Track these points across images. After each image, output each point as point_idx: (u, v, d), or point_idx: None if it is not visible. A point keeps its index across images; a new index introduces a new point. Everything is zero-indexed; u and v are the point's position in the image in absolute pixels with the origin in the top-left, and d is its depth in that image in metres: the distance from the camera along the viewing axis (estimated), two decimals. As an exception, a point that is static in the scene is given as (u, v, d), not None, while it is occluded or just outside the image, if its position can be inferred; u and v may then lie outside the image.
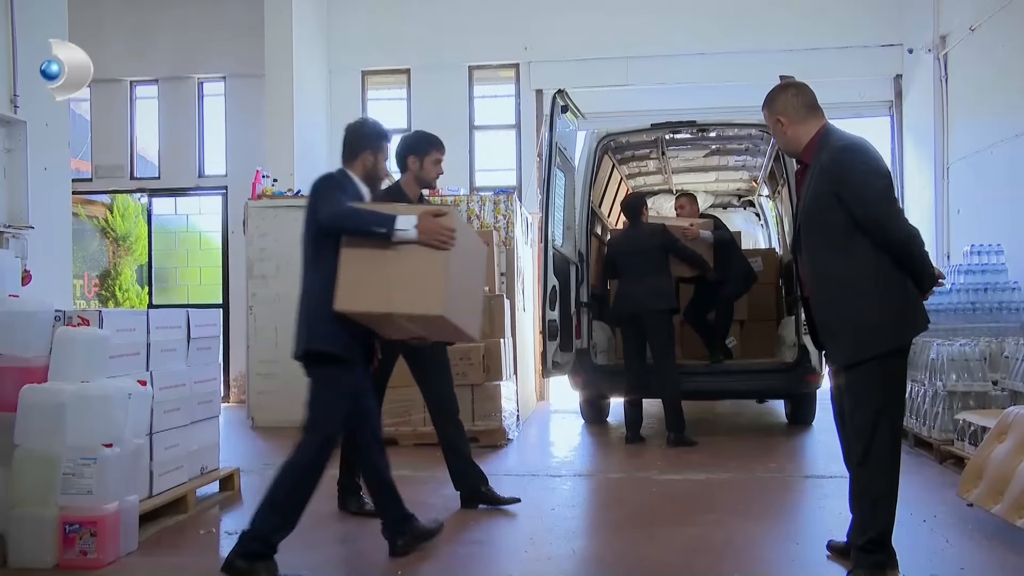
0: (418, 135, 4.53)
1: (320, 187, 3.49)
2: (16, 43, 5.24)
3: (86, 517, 3.54)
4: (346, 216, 3.34)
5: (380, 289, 3.32)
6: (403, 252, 3.31)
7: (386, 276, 3.31)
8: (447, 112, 9.95)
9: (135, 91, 10.41)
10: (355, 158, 3.62)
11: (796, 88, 3.39)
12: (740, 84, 9.66)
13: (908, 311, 3.09)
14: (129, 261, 12.37)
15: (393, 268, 3.31)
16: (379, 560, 3.69)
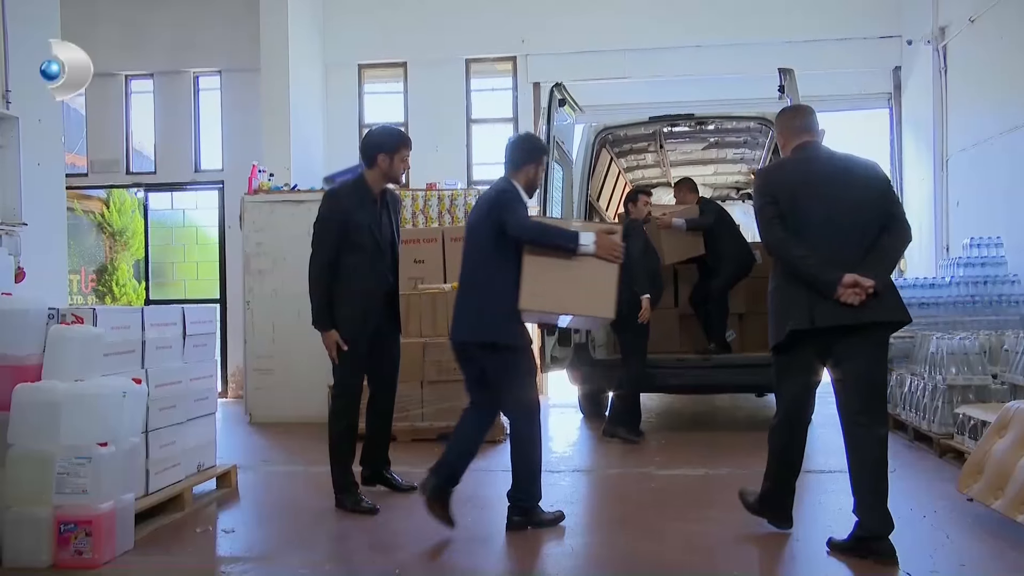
0: (388, 131, 4.57)
1: (503, 200, 3.92)
2: (7, 38, 5.19)
3: (81, 517, 3.52)
4: (536, 230, 3.91)
5: (559, 293, 3.90)
6: (579, 262, 3.88)
7: (565, 282, 3.88)
8: (444, 106, 9.91)
9: (130, 85, 10.34)
10: (519, 169, 4.05)
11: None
12: (739, 76, 9.66)
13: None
14: (126, 256, 12.29)
15: (571, 275, 3.88)
16: (377, 558, 3.68)
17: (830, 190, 3.54)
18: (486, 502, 4.61)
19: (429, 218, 7.82)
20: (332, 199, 4.47)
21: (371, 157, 4.42)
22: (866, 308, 3.42)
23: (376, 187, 4.45)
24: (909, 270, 9.36)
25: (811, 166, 3.63)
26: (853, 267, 3.43)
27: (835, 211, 3.51)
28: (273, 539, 4.05)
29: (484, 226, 3.93)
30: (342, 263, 4.33)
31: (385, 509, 4.44)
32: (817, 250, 3.48)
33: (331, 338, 4.35)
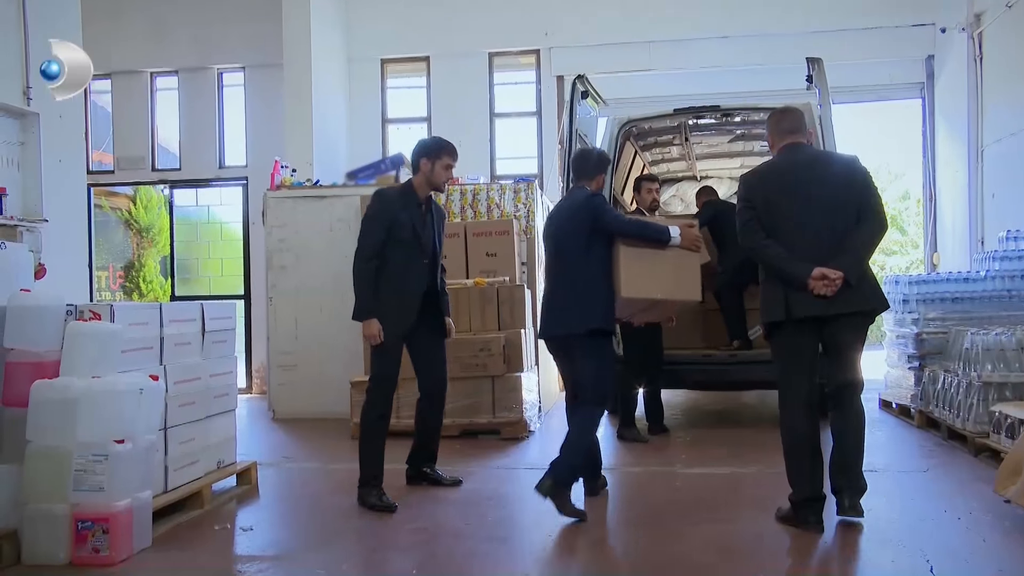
0: (435, 140, 4.75)
1: (597, 204, 4.37)
2: (28, 36, 5.20)
3: (98, 514, 3.50)
4: (637, 226, 4.47)
5: (653, 280, 4.37)
6: (668, 253, 4.35)
7: (657, 271, 4.36)
8: (467, 100, 9.85)
9: (155, 82, 10.39)
10: (592, 179, 4.52)
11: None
12: (765, 67, 9.50)
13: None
14: (153, 253, 12.41)
15: (662, 265, 4.36)
16: (395, 557, 3.62)
17: (805, 190, 3.81)
18: (506, 500, 4.56)
19: (451, 213, 7.75)
20: (380, 198, 4.66)
21: (416, 162, 4.65)
22: (838, 299, 3.70)
23: (421, 191, 4.63)
24: (942, 264, 9.16)
25: (788, 169, 3.92)
26: (829, 259, 3.69)
27: (810, 210, 3.79)
28: (291, 538, 4.01)
29: (575, 229, 4.34)
30: (386, 259, 4.51)
31: (405, 507, 4.39)
32: (793, 248, 3.77)
33: (373, 327, 4.44)
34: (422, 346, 4.74)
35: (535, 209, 7.74)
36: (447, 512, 4.31)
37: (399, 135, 10.11)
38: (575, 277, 4.29)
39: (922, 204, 10.28)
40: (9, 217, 4.81)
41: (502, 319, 6.79)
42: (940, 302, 6.58)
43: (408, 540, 3.84)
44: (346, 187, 7.95)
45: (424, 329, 4.67)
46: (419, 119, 10.07)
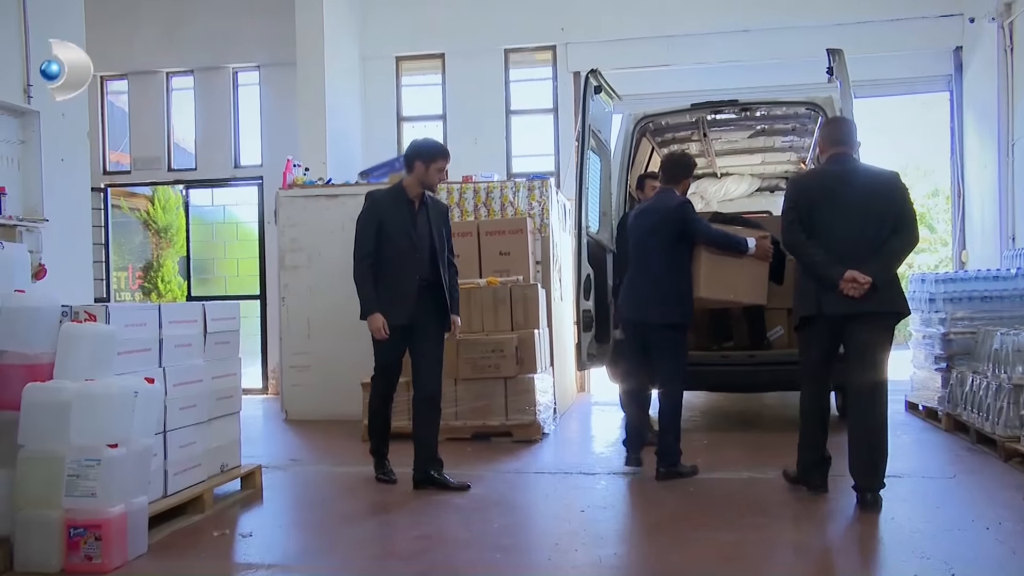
0: (427, 143, 4.87)
1: (687, 209, 4.95)
2: (29, 32, 5.13)
3: (90, 520, 3.41)
4: (720, 236, 5.10)
5: (728, 283, 5.07)
6: (742, 260, 5.09)
7: (733, 275, 5.07)
8: (483, 97, 9.73)
9: (171, 82, 10.37)
10: (679, 183, 5.07)
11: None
12: (787, 61, 9.29)
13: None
14: (171, 253, 12.41)
15: (737, 270, 5.09)
16: (396, 566, 3.50)
17: (847, 199, 4.15)
18: (514, 507, 4.43)
19: (464, 211, 7.64)
20: (369, 200, 4.84)
21: (410, 163, 4.78)
22: (865, 300, 4.03)
23: (412, 191, 4.78)
24: (971, 261, 8.90)
25: (834, 177, 4.26)
26: (862, 264, 4.04)
27: (849, 218, 4.13)
28: (291, 544, 3.91)
29: (664, 230, 4.89)
30: (380, 258, 4.72)
31: (409, 513, 4.29)
32: (831, 250, 4.12)
33: (376, 321, 4.67)
34: (420, 351, 4.86)
35: (549, 207, 7.59)
36: (452, 519, 4.19)
37: (414, 133, 9.98)
38: (659, 273, 4.86)
39: (951, 200, 10.00)
40: (8, 217, 4.76)
41: (515, 319, 6.66)
42: (968, 301, 6.37)
43: (410, 548, 3.72)
44: (358, 185, 7.84)
45: (423, 335, 4.81)
46: (434, 117, 9.96)
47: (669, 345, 4.87)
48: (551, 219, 7.64)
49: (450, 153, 4.86)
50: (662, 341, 4.87)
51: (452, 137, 9.75)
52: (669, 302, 4.83)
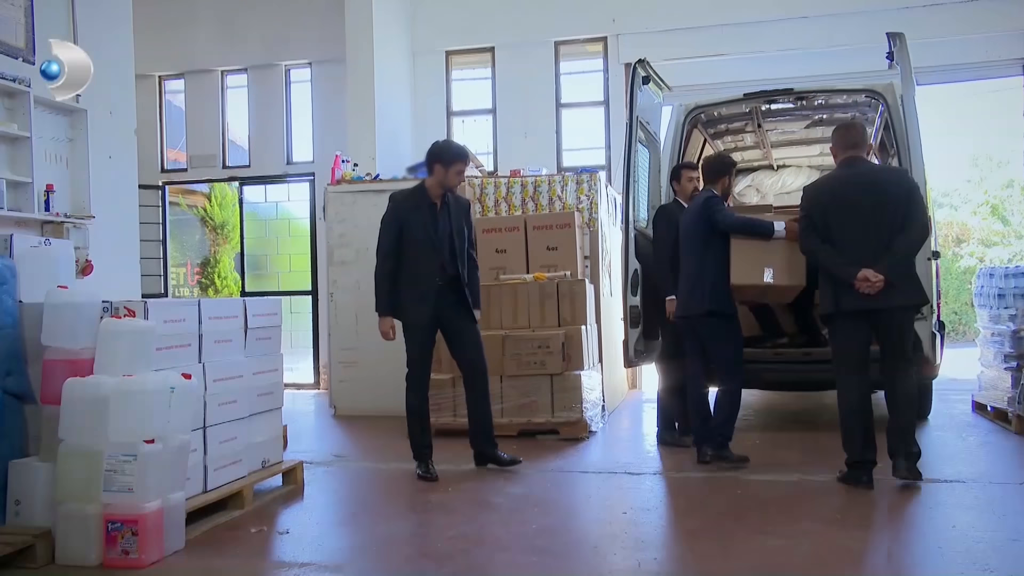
0: (447, 145, 5.09)
1: (712, 204, 5.13)
2: (77, 29, 5.22)
3: (127, 516, 3.43)
4: (742, 223, 5.12)
5: (760, 268, 5.05)
6: (775, 244, 5.04)
7: (765, 260, 5.04)
8: (533, 90, 9.62)
9: (226, 80, 10.51)
10: (716, 181, 5.31)
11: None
12: (848, 48, 8.94)
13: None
14: (227, 249, 12.61)
15: (770, 256, 5.04)
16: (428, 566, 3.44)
17: (858, 202, 4.44)
18: (554, 508, 4.32)
19: (512, 206, 7.55)
20: (391, 202, 5.03)
21: (430, 165, 4.99)
22: (881, 296, 4.34)
23: (433, 192, 4.98)
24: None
25: (843, 183, 4.57)
26: (875, 263, 4.33)
27: (861, 219, 4.42)
28: (327, 543, 3.87)
29: (697, 226, 5.15)
30: (402, 257, 4.92)
31: (449, 512, 4.23)
32: (845, 252, 4.44)
33: (386, 324, 4.97)
34: (453, 332, 5.09)
35: (598, 201, 7.46)
36: (490, 519, 4.11)
37: (464, 128, 9.96)
38: (697, 267, 5.13)
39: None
40: (55, 214, 4.84)
41: (562, 315, 6.55)
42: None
43: (446, 548, 3.65)
44: (405, 180, 7.82)
45: (454, 318, 5.03)
46: (484, 111, 9.88)
47: (716, 334, 5.10)
48: (600, 213, 7.51)
49: (469, 155, 5.15)
50: (708, 331, 5.12)
51: (502, 131, 9.69)
52: (705, 292, 5.06)
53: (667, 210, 5.80)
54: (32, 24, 4.87)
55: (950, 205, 20.55)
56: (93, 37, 5.19)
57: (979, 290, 7.18)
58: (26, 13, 4.81)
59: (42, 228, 4.89)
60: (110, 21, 5.54)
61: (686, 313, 5.19)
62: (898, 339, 4.50)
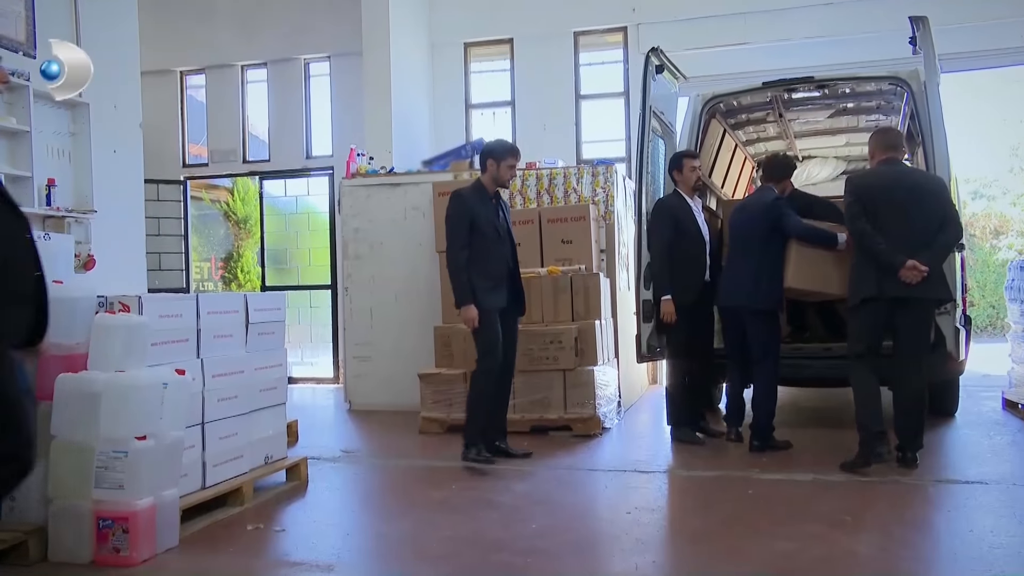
0: (500, 143, 5.34)
1: (780, 207, 5.36)
2: (80, 24, 5.20)
3: (118, 513, 3.39)
4: (811, 231, 5.32)
5: (817, 275, 5.31)
6: (830, 254, 5.27)
7: (821, 268, 5.29)
8: (552, 82, 9.49)
9: (246, 75, 10.51)
10: (779, 181, 5.52)
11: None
12: (874, 34, 8.67)
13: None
14: (250, 243, 12.65)
15: (825, 263, 5.29)
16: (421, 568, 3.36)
17: (901, 198, 4.67)
18: (557, 507, 4.23)
19: (527, 199, 7.44)
20: (459, 198, 5.17)
21: (484, 163, 5.25)
22: (918, 286, 4.57)
23: (490, 188, 5.24)
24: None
25: (890, 178, 4.78)
26: (915, 255, 4.54)
27: (904, 213, 4.64)
28: (322, 541, 3.79)
29: (761, 224, 5.33)
30: (474, 250, 5.06)
31: (451, 511, 4.15)
32: (888, 240, 4.61)
33: (471, 312, 5.00)
34: (507, 333, 5.19)
35: (615, 193, 7.32)
36: (491, 518, 4.03)
37: (483, 120, 9.87)
38: (754, 265, 5.27)
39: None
40: (56, 208, 4.84)
41: (576, 310, 6.45)
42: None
43: (440, 549, 3.57)
44: (420, 174, 7.77)
45: (507, 311, 5.21)
46: (503, 103, 9.78)
47: (762, 329, 5.29)
48: (617, 205, 7.38)
49: (519, 151, 5.30)
50: (756, 326, 5.29)
51: (521, 124, 9.58)
52: (761, 290, 5.23)
53: (667, 203, 5.65)
54: (33, 18, 4.87)
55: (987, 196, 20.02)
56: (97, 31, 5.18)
57: (1010, 283, 6.95)
58: (27, 7, 4.81)
59: (43, 223, 4.90)
60: (114, 15, 5.52)
61: (736, 304, 5.34)
62: (916, 333, 4.72)
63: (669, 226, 5.44)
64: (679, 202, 5.57)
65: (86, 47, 5.21)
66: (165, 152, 10.35)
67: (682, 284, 5.47)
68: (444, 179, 7.44)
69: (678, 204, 5.55)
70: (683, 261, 5.49)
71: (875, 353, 4.77)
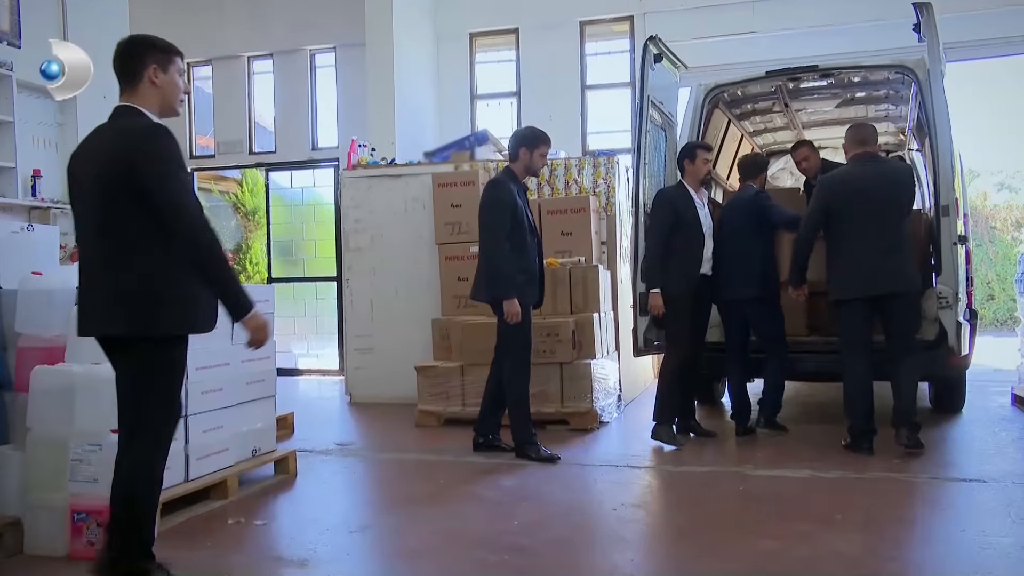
0: (532, 131, 5.17)
1: (762, 198, 5.64)
2: (67, 15, 5.18)
3: (92, 506, 3.36)
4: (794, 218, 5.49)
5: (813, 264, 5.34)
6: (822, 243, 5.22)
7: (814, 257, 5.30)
8: (557, 72, 9.41)
9: (252, 66, 10.50)
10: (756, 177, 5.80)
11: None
12: (887, 23, 8.50)
13: None
14: (259, 235, 12.64)
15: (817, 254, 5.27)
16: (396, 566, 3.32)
17: (873, 194, 4.89)
18: (544, 502, 4.17)
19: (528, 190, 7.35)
20: (501, 185, 5.01)
21: (515, 152, 5.09)
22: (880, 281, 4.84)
23: (522, 177, 5.14)
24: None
25: (853, 177, 5.02)
26: (884, 249, 4.83)
27: (876, 210, 4.87)
28: (301, 535, 3.74)
29: (747, 217, 5.56)
30: (511, 241, 4.92)
31: (435, 505, 4.10)
32: (862, 237, 4.88)
33: (515, 306, 4.87)
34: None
35: (616, 185, 7.23)
36: (475, 513, 3.98)
37: (488, 111, 9.79)
38: (747, 255, 5.42)
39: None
40: (40, 199, 4.83)
41: (574, 302, 6.38)
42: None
43: (420, 544, 3.53)
44: (420, 165, 7.71)
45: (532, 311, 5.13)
46: (508, 94, 9.71)
47: (763, 315, 5.51)
48: (619, 197, 7.29)
49: (550, 139, 5.14)
50: (757, 313, 5.51)
51: (527, 114, 9.49)
52: (756, 277, 5.40)
53: (668, 195, 5.48)
54: (18, 7, 4.84)
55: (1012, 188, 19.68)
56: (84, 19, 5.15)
57: (1020, 276, 6.81)
58: (11, -5, 4.80)
59: (28, 213, 4.89)
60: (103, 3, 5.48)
61: (735, 297, 5.47)
62: (900, 323, 4.94)
63: (668, 218, 5.27)
64: (681, 193, 5.40)
65: (73, 37, 5.19)
66: (172, 143, 10.35)
67: (679, 277, 5.25)
68: (444, 170, 7.37)
69: (680, 196, 5.39)
70: (681, 254, 5.28)
71: (864, 346, 4.92)
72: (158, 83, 2.91)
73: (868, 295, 4.87)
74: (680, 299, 5.26)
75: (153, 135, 2.79)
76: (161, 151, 2.76)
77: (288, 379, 9.61)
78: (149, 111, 2.90)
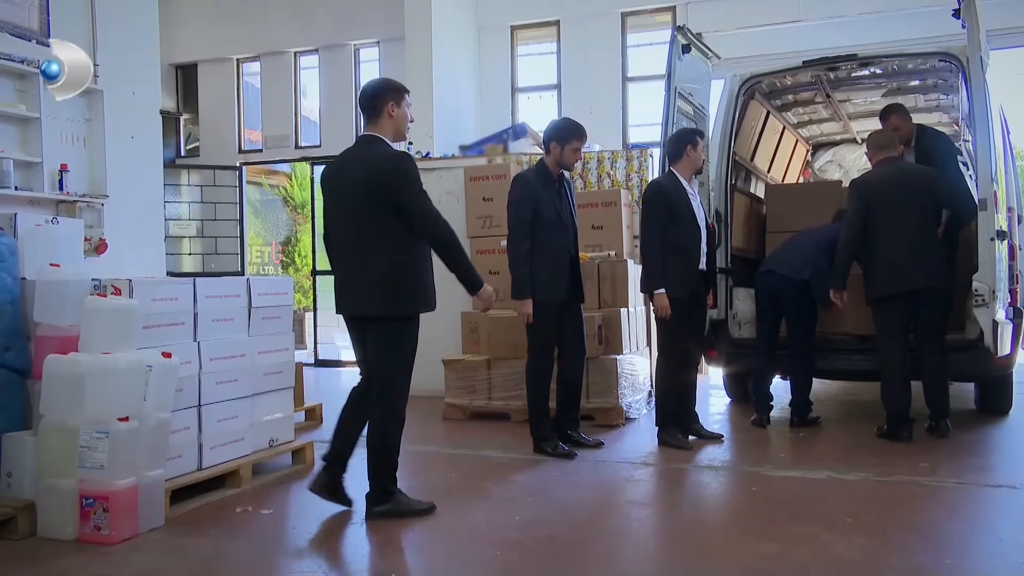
0: (565, 123, 5.04)
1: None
2: (95, 12, 5.31)
3: (99, 492, 3.47)
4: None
5: None
6: None
7: None
8: (599, 64, 9.34)
9: (299, 61, 10.66)
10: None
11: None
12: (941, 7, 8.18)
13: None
14: (307, 228, 12.85)
15: None
16: (387, 558, 3.33)
17: (898, 196, 5.08)
18: (549, 499, 4.12)
19: (568, 183, 7.32)
20: (522, 182, 4.96)
21: (547, 145, 5.00)
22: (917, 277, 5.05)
23: (554, 171, 4.98)
24: None
25: (886, 179, 5.19)
26: (917, 247, 5.02)
27: (902, 211, 5.06)
28: (304, 525, 3.79)
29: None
30: (535, 238, 4.86)
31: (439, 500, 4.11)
32: (890, 237, 5.08)
33: (527, 307, 4.86)
34: (568, 313, 5.04)
35: (648, 178, 7.13)
36: (479, 507, 3.98)
37: (529, 104, 9.76)
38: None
39: None
40: (66, 193, 4.98)
41: (603, 297, 6.32)
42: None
43: (416, 538, 3.55)
44: (455, 159, 7.73)
45: (571, 299, 5.05)
46: (549, 87, 9.66)
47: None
48: (652, 190, 7.16)
49: (585, 132, 4.99)
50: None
51: (567, 107, 9.43)
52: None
53: (663, 186, 5.12)
54: (47, 5, 4.99)
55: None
56: (114, 19, 5.28)
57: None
58: (40, -6, 4.94)
59: (56, 207, 5.06)
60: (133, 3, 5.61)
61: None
62: (930, 318, 5.07)
63: (662, 213, 4.98)
64: (674, 184, 5.11)
65: (102, 36, 5.34)
66: (222, 138, 10.60)
67: (675, 277, 5.00)
68: (477, 163, 7.37)
69: (673, 186, 5.09)
70: (676, 251, 5.00)
71: (902, 339, 5.07)
72: (394, 116, 3.76)
73: (903, 290, 5.01)
74: (680, 300, 5.04)
75: (404, 162, 3.68)
76: (411, 174, 3.63)
77: (331, 371, 9.76)
78: (386, 137, 3.74)
